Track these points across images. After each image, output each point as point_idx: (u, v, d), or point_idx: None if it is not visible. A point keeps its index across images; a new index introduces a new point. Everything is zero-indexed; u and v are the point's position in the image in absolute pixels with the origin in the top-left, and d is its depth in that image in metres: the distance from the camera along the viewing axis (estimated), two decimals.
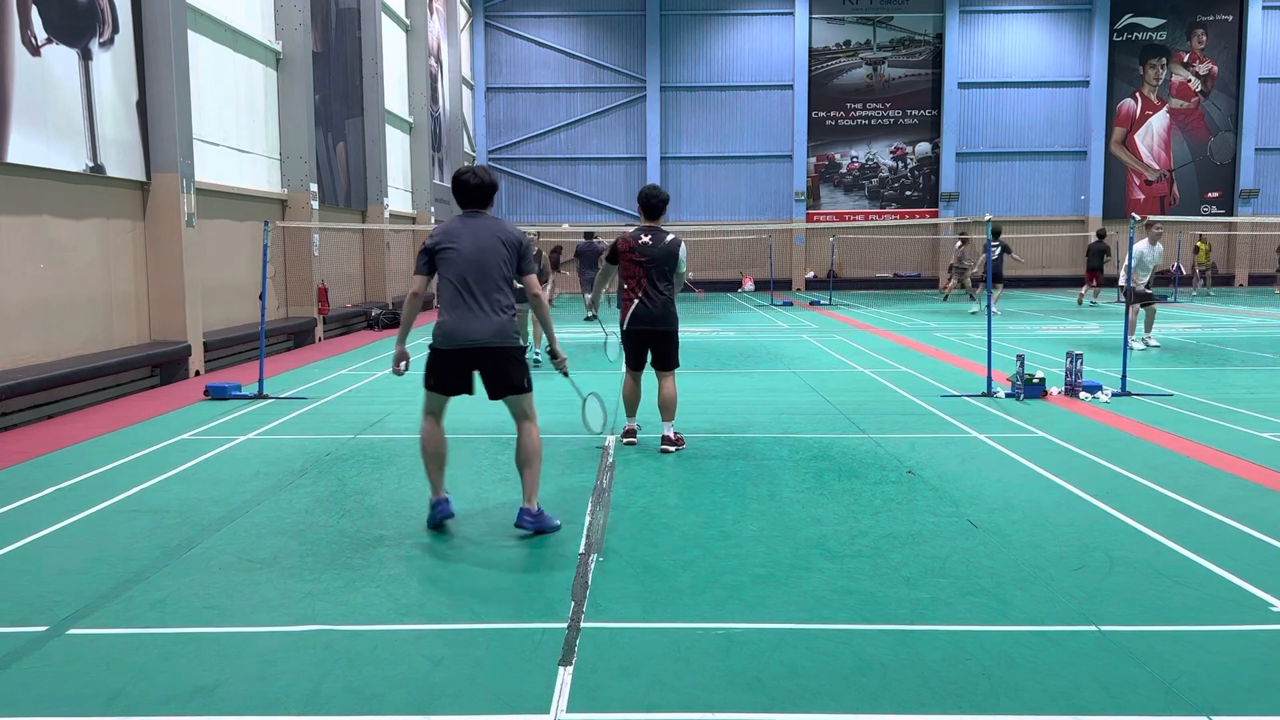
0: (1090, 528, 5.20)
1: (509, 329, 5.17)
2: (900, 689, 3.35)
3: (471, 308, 5.09)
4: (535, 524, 5.15)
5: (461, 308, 5.10)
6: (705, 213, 32.34)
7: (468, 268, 5.11)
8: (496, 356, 5.13)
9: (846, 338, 15.73)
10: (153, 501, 5.87)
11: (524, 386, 5.22)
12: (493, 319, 5.10)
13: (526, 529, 5.14)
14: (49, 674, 3.53)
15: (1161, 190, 32.57)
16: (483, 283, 5.10)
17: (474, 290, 5.09)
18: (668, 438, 7.27)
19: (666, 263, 7.12)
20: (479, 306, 5.09)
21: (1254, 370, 11.48)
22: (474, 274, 5.11)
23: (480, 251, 5.13)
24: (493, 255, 5.14)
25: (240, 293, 14.03)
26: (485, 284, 5.11)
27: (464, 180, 5.29)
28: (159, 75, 11.32)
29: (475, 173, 5.31)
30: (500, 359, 5.14)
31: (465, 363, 5.17)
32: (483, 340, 5.09)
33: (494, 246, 5.15)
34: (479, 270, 5.11)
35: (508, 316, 5.17)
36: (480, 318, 5.09)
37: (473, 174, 5.30)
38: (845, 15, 32.16)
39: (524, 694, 3.32)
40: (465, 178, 5.29)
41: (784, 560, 4.70)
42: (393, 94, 22.94)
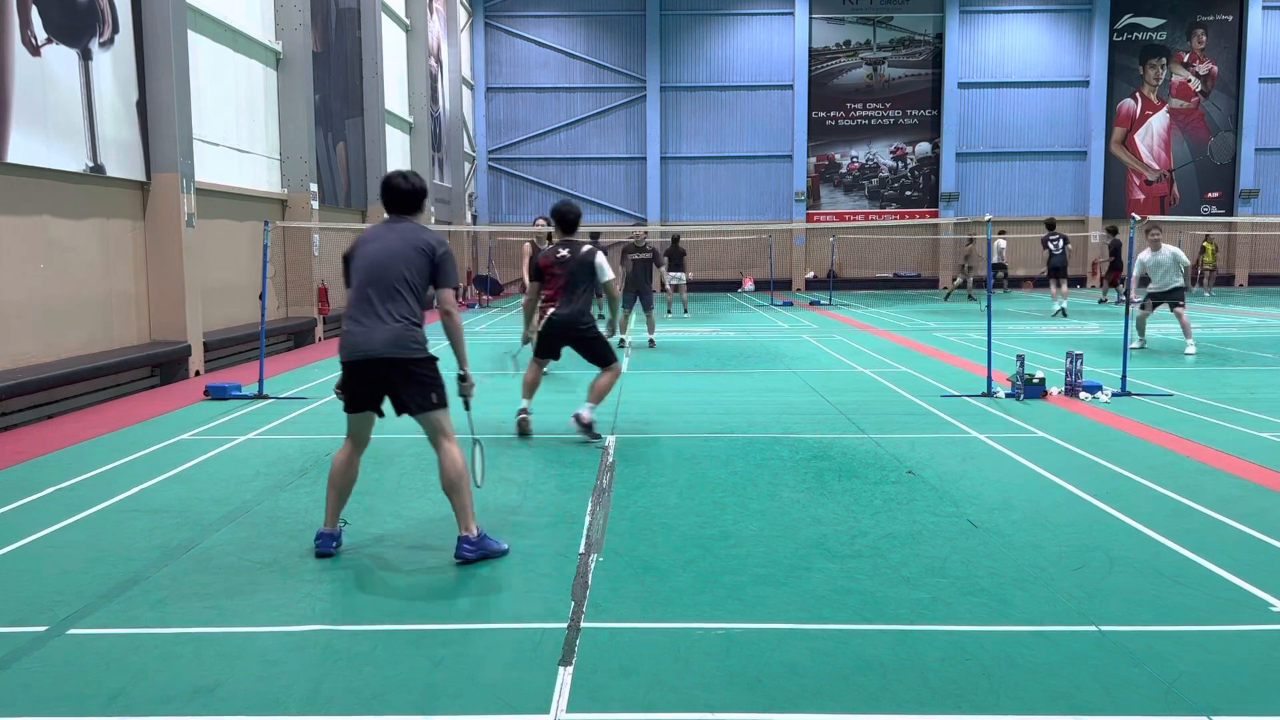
0: (1090, 528, 5.20)
1: (408, 339, 4.71)
2: (900, 689, 3.35)
3: (368, 316, 4.71)
4: (477, 551, 4.70)
5: (358, 317, 4.74)
6: (705, 213, 32.34)
7: (370, 273, 4.75)
8: (395, 370, 4.71)
9: (846, 338, 15.73)
10: (153, 501, 5.87)
11: (430, 403, 4.77)
12: (388, 327, 4.67)
13: (469, 557, 4.67)
14: (49, 674, 3.53)
15: (1161, 190, 32.57)
16: (380, 290, 4.70)
17: (372, 298, 4.72)
18: (578, 415, 7.58)
19: (582, 271, 7.63)
20: (374, 315, 4.69)
21: (1254, 370, 11.48)
22: (375, 281, 4.73)
23: (387, 256, 4.74)
24: (398, 261, 4.73)
25: (240, 293, 14.03)
26: (383, 291, 4.70)
27: (393, 184, 4.91)
28: (159, 75, 11.33)
29: (406, 177, 4.94)
30: (399, 372, 4.71)
31: (366, 377, 4.77)
32: (376, 352, 4.67)
33: (402, 252, 4.74)
34: (380, 276, 4.72)
35: (403, 325, 4.70)
36: (373, 327, 4.68)
37: (404, 178, 4.92)
38: (845, 15, 32.16)
39: (524, 694, 3.32)
40: (395, 181, 4.92)
41: (784, 560, 4.70)
42: (393, 94, 22.94)
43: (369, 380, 4.80)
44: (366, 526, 5.33)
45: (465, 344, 4.98)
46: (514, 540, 5.06)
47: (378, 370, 4.75)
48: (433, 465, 6.72)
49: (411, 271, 4.76)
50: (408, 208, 4.94)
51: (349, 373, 4.86)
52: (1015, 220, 31.43)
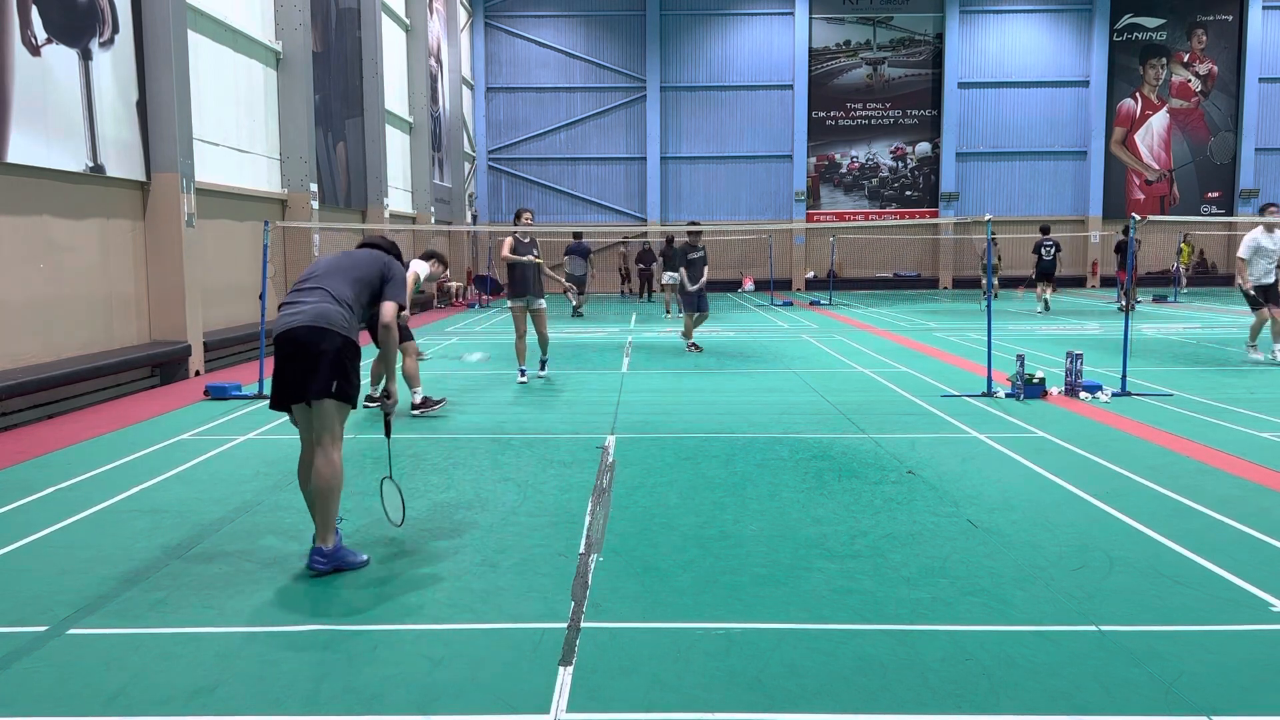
0: (1090, 528, 5.20)
1: (334, 318, 4.43)
2: (900, 689, 3.35)
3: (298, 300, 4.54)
4: (329, 563, 4.46)
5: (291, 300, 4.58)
6: (705, 213, 32.33)
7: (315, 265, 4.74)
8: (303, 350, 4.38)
9: (846, 338, 15.73)
10: (153, 501, 5.87)
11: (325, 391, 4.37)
12: (315, 306, 4.44)
13: (321, 570, 4.44)
14: (49, 674, 3.53)
15: (1161, 190, 32.57)
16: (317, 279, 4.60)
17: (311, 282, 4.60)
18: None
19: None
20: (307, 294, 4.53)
21: (1254, 370, 11.48)
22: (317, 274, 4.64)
23: (335, 261, 4.73)
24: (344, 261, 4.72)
25: (240, 293, 14.03)
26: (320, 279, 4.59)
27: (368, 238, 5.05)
28: (159, 75, 11.32)
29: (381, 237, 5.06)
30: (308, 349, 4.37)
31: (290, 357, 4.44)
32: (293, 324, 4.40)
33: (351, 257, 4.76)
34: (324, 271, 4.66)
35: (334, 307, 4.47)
36: (301, 306, 4.47)
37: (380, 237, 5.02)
38: (845, 15, 32.16)
39: (524, 694, 3.32)
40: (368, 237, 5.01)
41: (784, 560, 4.70)
42: (393, 94, 22.94)
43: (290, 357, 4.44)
44: (366, 527, 5.33)
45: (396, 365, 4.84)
46: (514, 540, 5.05)
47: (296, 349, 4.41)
48: (434, 466, 6.73)
49: (359, 271, 4.65)
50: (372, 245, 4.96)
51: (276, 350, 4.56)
52: (1016, 220, 31.44)
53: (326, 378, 4.38)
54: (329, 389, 4.40)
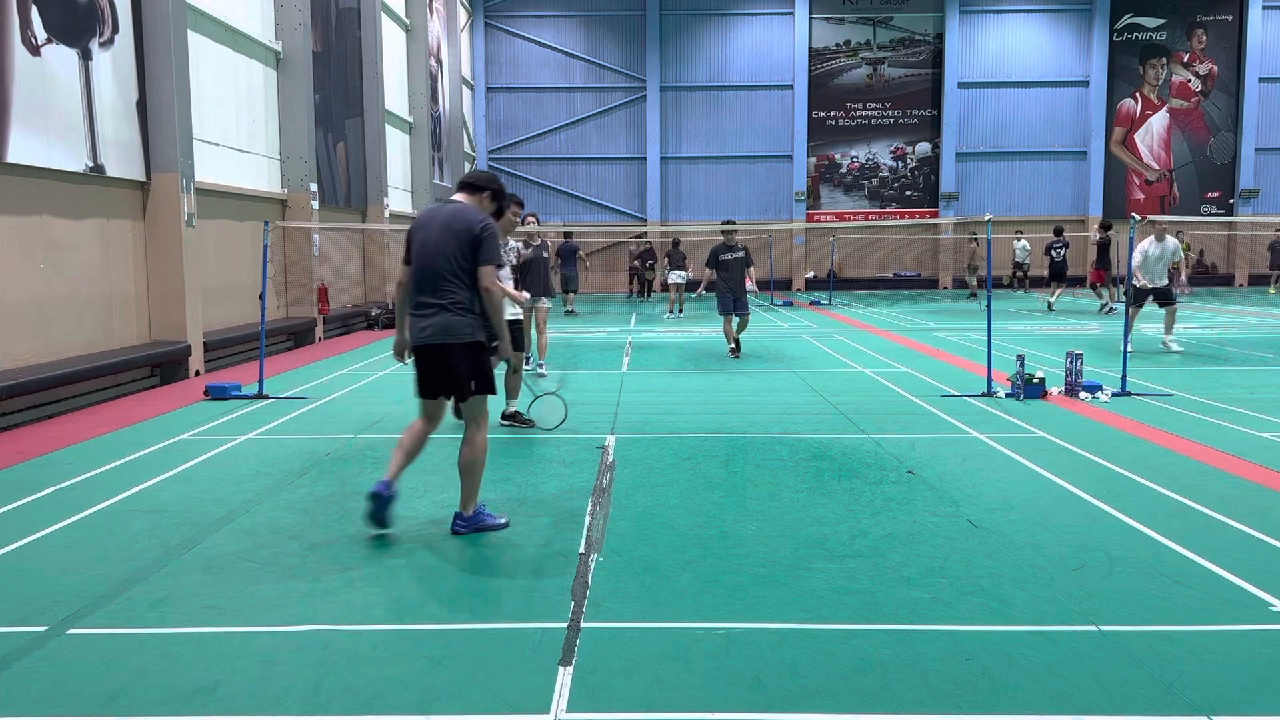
0: (1090, 528, 5.20)
1: (458, 329, 4.97)
2: (900, 689, 3.35)
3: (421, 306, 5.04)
4: (469, 526, 5.18)
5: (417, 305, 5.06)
6: (705, 213, 32.33)
7: (419, 262, 5.05)
8: (439, 355, 5.01)
9: (846, 338, 15.73)
10: (153, 501, 5.87)
11: (468, 392, 5.05)
12: (438, 321, 4.97)
13: (460, 531, 5.17)
14: (49, 674, 3.53)
15: (1161, 190, 32.57)
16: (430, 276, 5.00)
17: (423, 285, 5.02)
18: None
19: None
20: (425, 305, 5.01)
21: (1254, 370, 11.48)
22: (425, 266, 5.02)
23: (432, 247, 5.03)
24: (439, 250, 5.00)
25: (240, 293, 14.03)
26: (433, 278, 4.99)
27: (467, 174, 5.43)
28: (159, 75, 11.32)
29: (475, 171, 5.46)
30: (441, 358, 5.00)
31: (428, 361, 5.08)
32: (425, 339, 5.01)
33: (443, 241, 5.00)
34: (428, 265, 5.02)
35: (455, 313, 4.97)
36: (423, 315, 5.01)
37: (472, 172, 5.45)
38: (845, 15, 32.16)
39: (524, 694, 3.32)
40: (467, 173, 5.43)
41: (784, 560, 4.70)
42: (393, 94, 22.93)
43: (429, 363, 5.09)
44: (366, 527, 5.33)
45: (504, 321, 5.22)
46: (514, 540, 5.06)
47: (431, 354, 5.04)
48: (434, 467, 6.73)
49: (454, 255, 4.99)
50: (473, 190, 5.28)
51: (416, 357, 5.16)
52: (1015, 220, 31.44)
53: (466, 382, 5.05)
54: (470, 389, 5.08)
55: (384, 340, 16.18)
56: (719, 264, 13.01)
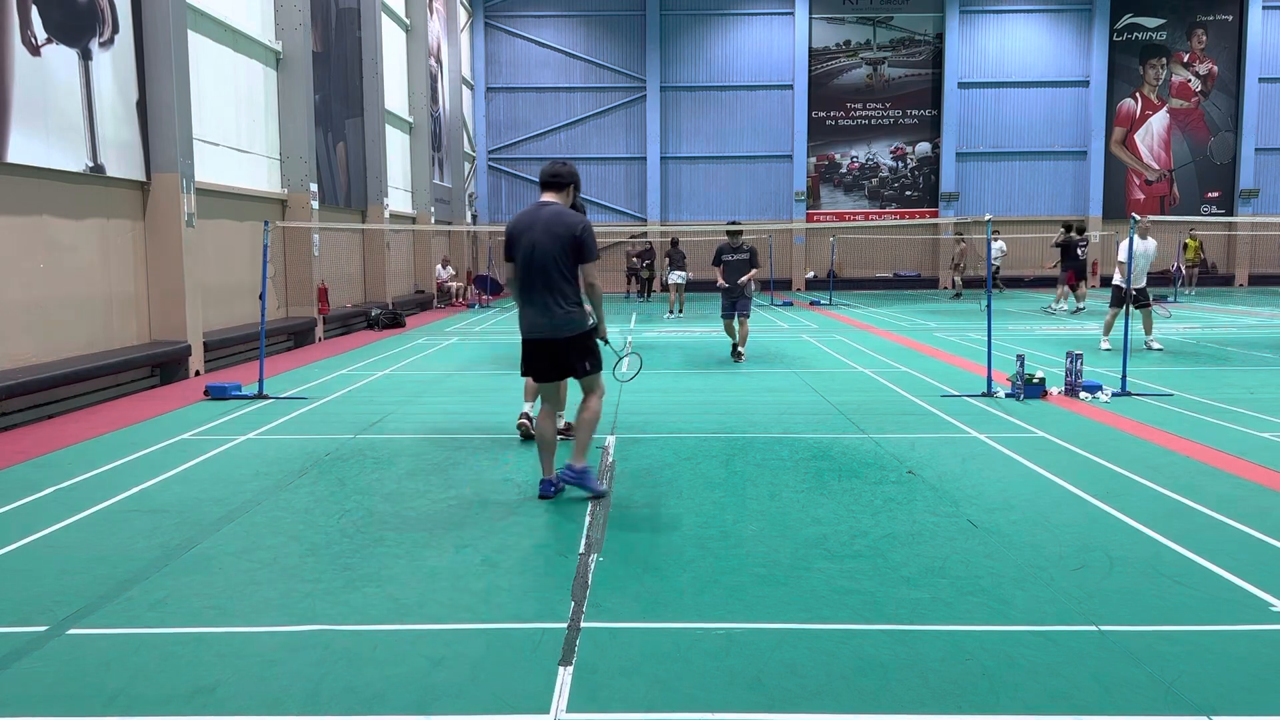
0: (1090, 528, 5.20)
1: (571, 319, 5.72)
2: (900, 689, 3.35)
3: (536, 303, 5.73)
4: (575, 478, 5.84)
5: (531, 300, 5.75)
6: (705, 213, 32.34)
7: (529, 263, 5.70)
8: (561, 345, 5.77)
9: (846, 338, 15.73)
10: (153, 501, 5.87)
11: (586, 369, 5.86)
12: (555, 313, 5.70)
13: (567, 480, 5.84)
14: (49, 674, 3.53)
15: (1161, 190, 32.57)
16: (541, 278, 5.68)
17: (536, 285, 5.70)
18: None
19: None
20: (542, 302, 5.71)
21: (1254, 370, 11.48)
22: (535, 270, 5.68)
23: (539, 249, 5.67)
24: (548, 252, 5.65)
25: (240, 293, 14.03)
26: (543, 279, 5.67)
27: (545, 168, 5.95)
28: (159, 75, 11.32)
29: (560, 162, 5.96)
30: (564, 346, 5.77)
31: (542, 352, 5.83)
32: (548, 334, 5.75)
33: (549, 244, 5.66)
34: (539, 266, 5.67)
35: (564, 310, 5.70)
36: (543, 312, 5.72)
37: (558, 163, 5.94)
38: (845, 15, 32.16)
39: (524, 694, 3.32)
40: (548, 166, 5.95)
41: (784, 560, 4.70)
42: (393, 94, 22.94)
43: (543, 353, 5.84)
44: (366, 527, 5.33)
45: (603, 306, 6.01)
46: (514, 540, 5.06)
47: (548, 346, 5.80)
48: (434, 468, 6.75)
49: (562, 259, 5.68)
50: (558, 187, 5.91)
51: (529, 346, 5.90)
52: (1015, 220, 31.45)
53: (581, 364, 5.85)
54: (586, 369, 5.87)
55: (384, 340, 16.18)
56: (722, 264, 12.86)
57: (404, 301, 21.70)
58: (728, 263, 12.80)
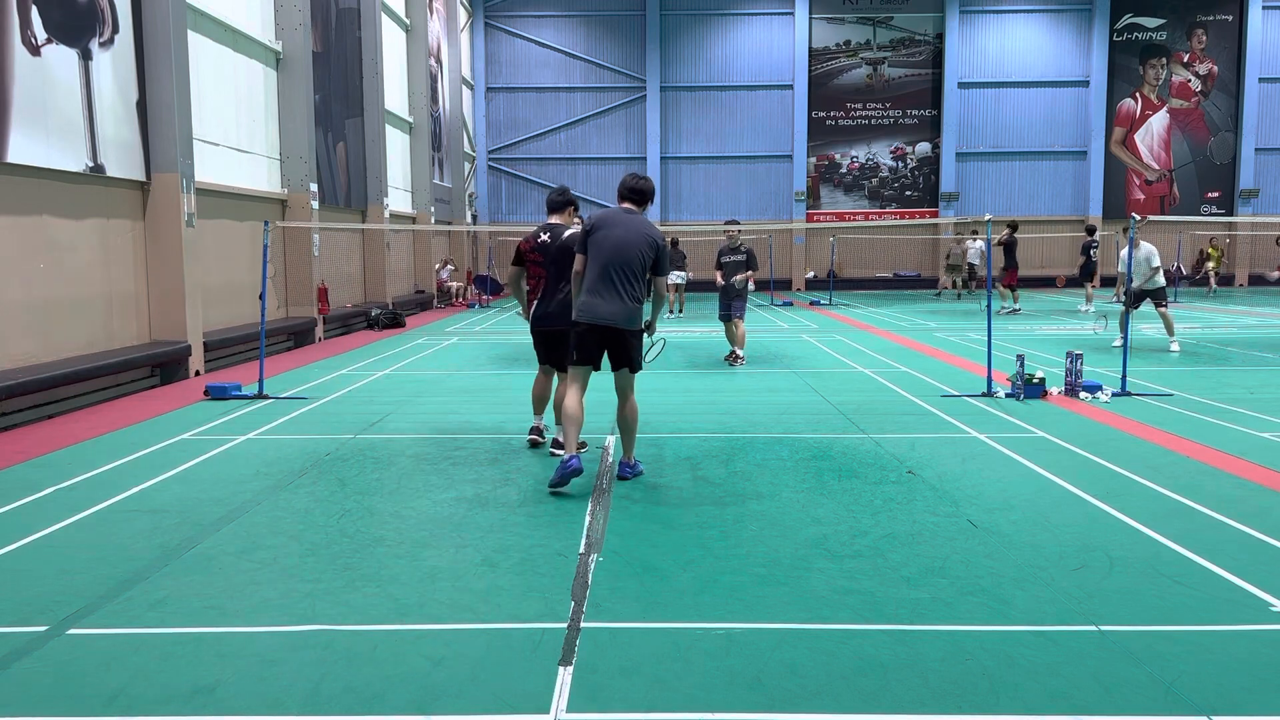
0: (1090, 528, 5.20)
1: (636, 316, 6.11)
2: (900, 689, 3.35)
3: (610, 292, 6.04)
4: (633, 472, 6.36)
5: (600, 290, 6.05)
6: (705, 213, 32.34)
7: (613, 256, 6.05)
8: (620, 336, 6.10)
9: (846, 338, 15.73)
10: (153, 501, 5.87)
11: (635, 365, 6.23)
12: (625, 305, 6.05)
13: (626, 476, 6.32)
14: (49, 674, 3.53)
15: (1161, 190, 32.57)
16: (621, 272, 6.04)
17: (613, 278, 6.03)
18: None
19: (562, 258, 6.80)
20: (615, 293, 6.03)
21: (1254, 370, 11.48)
22: (618, 263, 6.03)
23: (627, 246, 6.07)
24: (634, 250, 6.07)
25: (240, 293, 14.03)
26: (623, 274, 6.04)
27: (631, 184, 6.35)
28: (159, 75, 11.32)
29: (640, 178, 6.39)
30: (622, 339, 6.12)
31: (599, 339, 6.10)
32: (612, 322, 6.05)
33: (638, 244, 6.08)
34: (623, 261, 6.04)
35: (635, 305, 6.10)
36: (613, 301, 6.04)
37: (639, 179, 6.37)
38: (845, 15, 32.17)
39: (524, 694, 3.32)
40: (631, 182, 6.35)
41: (784, 560, 4.70)
42: (393, 94, 22.94)
43: (600, 341, 6.14)
44: (366, 527, 5.33)
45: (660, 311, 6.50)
46: (514, 540, 5.06)
47: (608, 335, 6.10)
48: (433, 468, 6.76)
49: (643, 261, 6.12)
50: (641, 201, 6.34)
51: (586, 332, 6.13)
52: (1015, 220, 31.42)
53: (631, 358, 6.21)
54: (633, 365, 6.24)
55: (385, 340, 16.18)
56: (720, 265, 12.71)
57: (404, 301, 21.70)
58: (725, 264, 12.68)
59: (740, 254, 12.59)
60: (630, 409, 6.34)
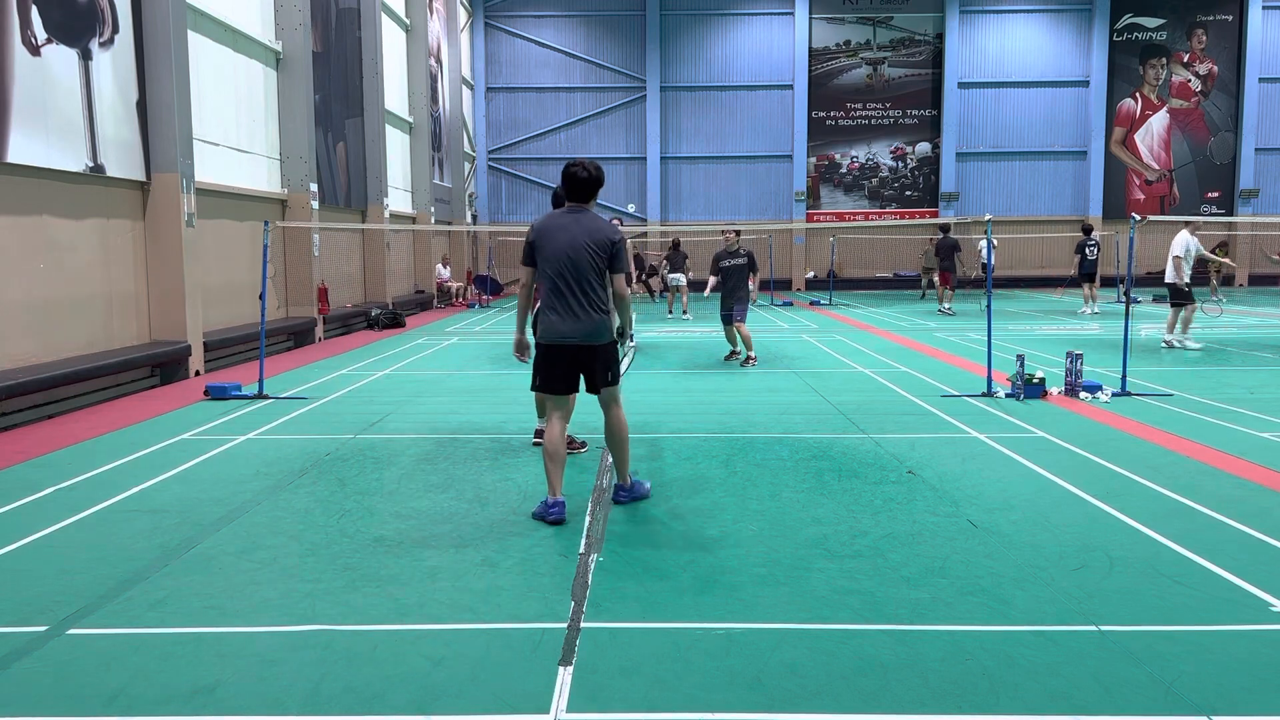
0: (1090, 528, 5.20)
1: (601, 329, 5.42)
2: (900, 689, 3.35)
3: (566, 307, 5.36)
4: (629, 496, 5.74)
5: (556, 306, 5.39)
6: (705, 213, 32.34)
7: (560, 266, 5.35)
8: (586, 353, 5.42)
9: (846, 338, 15.73)
10: (153, 501, 5.87)
11: (608, 380, 5.51)
12: (586, 319, 5.37)
13: (621, 500, 5.71)
14: (49, 674, 3.53)
15: (1161, 190, 32.57)
16: (573, 283, 5.34)
17: (565, 291, 5.35)
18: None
19: None
20: (570, 307, 5.36)
21: (1254, 370, 11.48)
22: (567, 273, 5.34)
23: (575, 250, 5.34)
24: (584, 254, 5.34)
25: (240, 293, 14.03)
26: (576, 284, 5.34)
27: (572, 173, 5.44)
28: (159, 75, 11.32)
29: (584, 166, 5.44)
30: (588, 355, 5.42)
31: (563, 359, 5.42)
32: (574, 339, 5.38)
33: (586, 246, 5.34)
34: (572, 270, 5.33)
35: (597, 317, 5.40)
36: (571, 318, 5.37)
37: (582, 167, 5.44)
38: (845, 15, 32.16)
39: (524, 694, 3.32)
40: (573, 171, 5.44)
41: (784, 560, 4.70)
42: (393, 94, 22.94)
43: (570, 362, 5.44)
44: (366, 527, 5.33)
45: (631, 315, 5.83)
46: (514, 540, 5.06)
47: (579, 354, 5.43)
48: (433, 468, 6.75)
49: (596, 265, 5.38)
50: (584, 196, 5.48)
51: (552, 354, 5.45)
52: (1015, 220, 31.46)
53: (604, 375, 5.50)
54: (609, 380, 5.53)
55: (385, 340, 16.19)
56: (720, 270, 12.57)
57: (404, 301, 21.70)
58: (725, 268, 12.53)
59: (740, 258, 12.50)
60: (616, 423, 5.62)
